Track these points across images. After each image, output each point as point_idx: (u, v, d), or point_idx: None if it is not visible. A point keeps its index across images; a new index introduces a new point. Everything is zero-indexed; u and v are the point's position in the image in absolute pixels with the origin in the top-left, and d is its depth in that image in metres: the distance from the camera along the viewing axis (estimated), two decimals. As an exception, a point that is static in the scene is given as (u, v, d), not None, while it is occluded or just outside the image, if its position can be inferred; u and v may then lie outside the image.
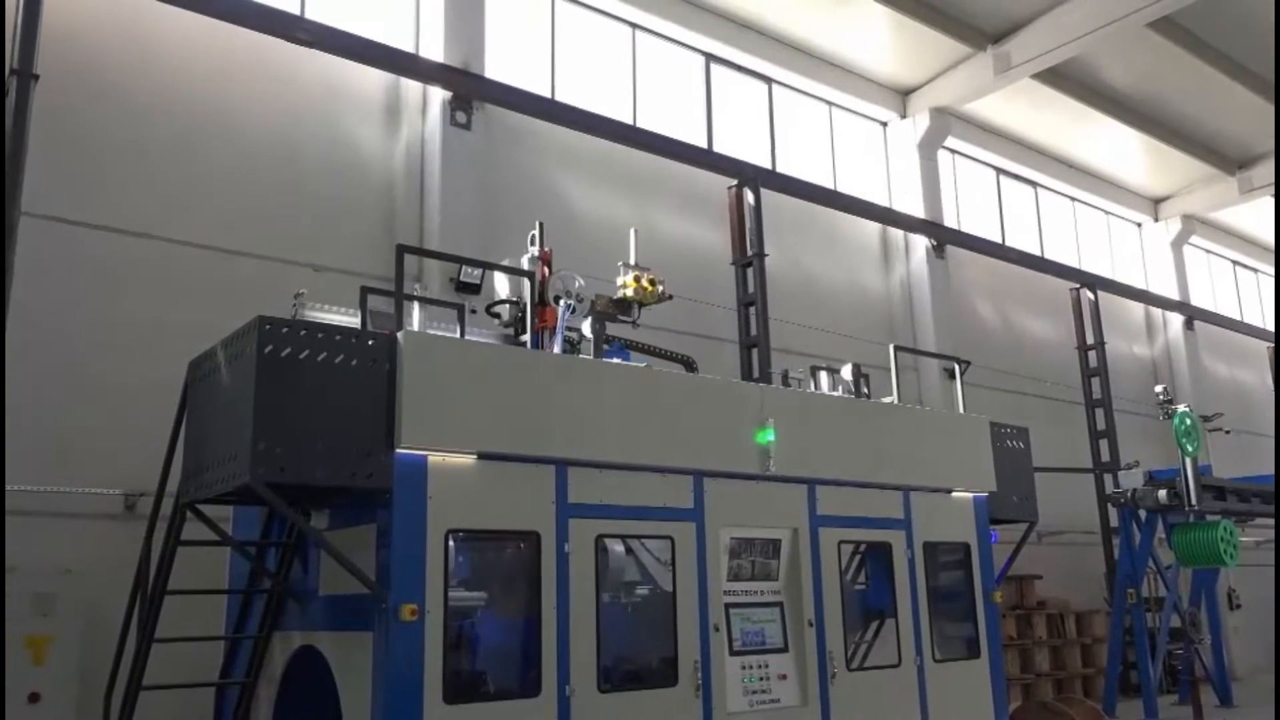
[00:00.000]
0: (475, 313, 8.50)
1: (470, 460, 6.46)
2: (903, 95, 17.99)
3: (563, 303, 7.92)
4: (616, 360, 8.28)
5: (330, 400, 6.04)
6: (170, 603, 6.98)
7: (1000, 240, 19.52)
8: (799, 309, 14.69)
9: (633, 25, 14.79)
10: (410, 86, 12.13)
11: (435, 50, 12.17)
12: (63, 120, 9.50)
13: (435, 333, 7.39)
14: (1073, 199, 21.92)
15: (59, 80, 9.29)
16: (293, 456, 5.86)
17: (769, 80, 16.42)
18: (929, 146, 17.90)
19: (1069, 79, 18.01)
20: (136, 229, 9.85)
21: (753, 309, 12.91)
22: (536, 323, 7.74)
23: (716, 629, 7.47)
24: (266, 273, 10.33)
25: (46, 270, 9.16)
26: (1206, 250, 25.38)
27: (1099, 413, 16.87)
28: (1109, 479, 15.94)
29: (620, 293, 8.61)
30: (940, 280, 17.46)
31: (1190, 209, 23.36)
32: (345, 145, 11.61)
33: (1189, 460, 14.36)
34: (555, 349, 7.83)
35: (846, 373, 10.07)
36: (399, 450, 6.17)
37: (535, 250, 8.22)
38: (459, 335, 7.41)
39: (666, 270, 9.06)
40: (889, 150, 18.06)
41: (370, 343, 6.30)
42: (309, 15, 11.42)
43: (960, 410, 10.31)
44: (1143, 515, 14.87)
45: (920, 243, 17.50)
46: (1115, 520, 15.61)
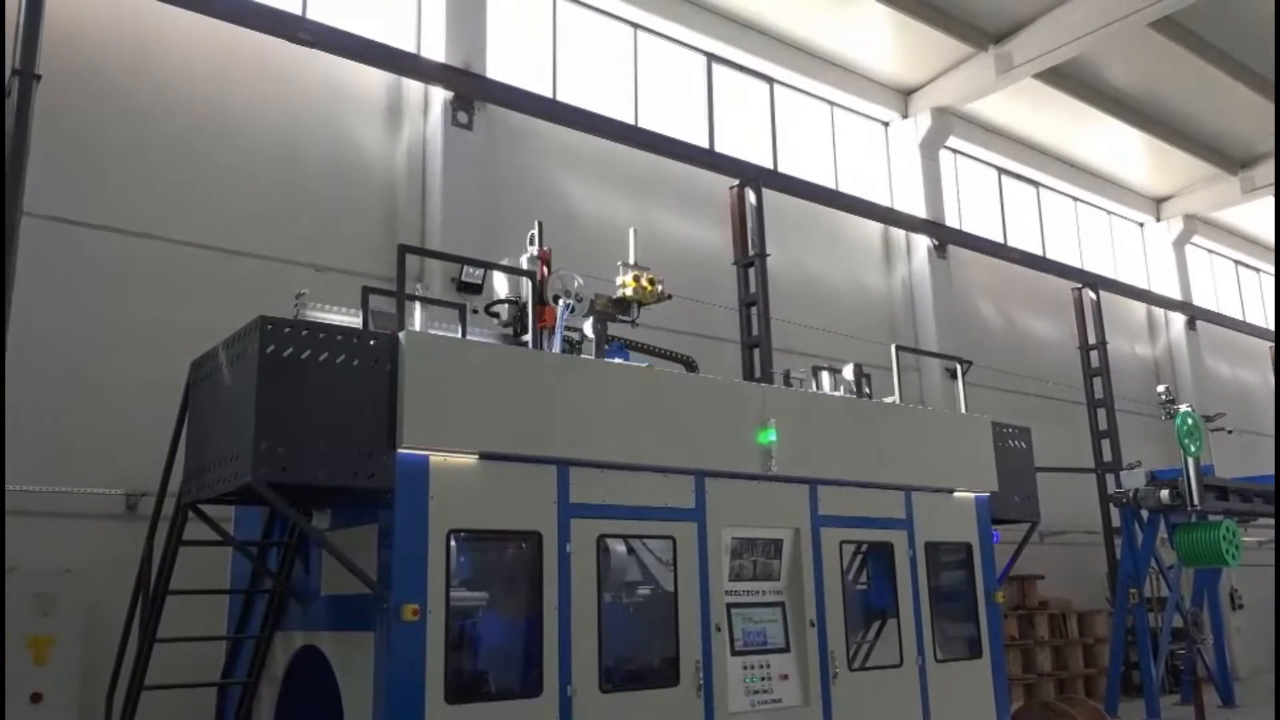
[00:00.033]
0: (477, 313, 8.51)
1: (472, 460, 6.46)
2: (904, 95, 17.98)
3: (562, 302, 7.91)
4: (618, 360, 8.27)
5: (332, 400, 6.04)
6: (172, 603, 6.98)
7: (1002, 240, 19.51)
8: (800, 309, 14.69)
9: (634, 25, 14.78)
10: (412, 86, 12.13)
11: (437, 50, 12.17)
12: (63, 120, 9.50)
13: (437, 333, 7.38)
14: (1075, 199, 21.91)
15: (60, 80, 9.29)
16: (294, 456, 5.85)
17: (771, 80, 16.42)
18: (931, 146, 17.89)
19: (1071, 79, 18.00)
20: (137, 229, 9.86)
21: (754, 309, 12.89)
22: (537, 322, 7.73)
23: (718, 629, 7.46)
24: (267, 273, 10.33)
25: (47, 270, 9.16)
26: (1209, 250, 25.36)
27: (1101, 413, 16.84)
28: (1111, 479, 15.93)
29: (620, 292, 8.59)
30: (942, 280, 17.46)
31: (1192, 209, 23.36)
32: (346, 145, 11.61)
33: (1191, 460, 14.34)
34: (554, 348, 7.81)
35: (848, 373, 10.06)
36: (401, 450, 6.17)
37: (534, 250, 8.22)
38: (460, 335, 7.40)
39: (668, 270, 9.05)
40: (891, 150, 18.05)
41: (372, 343, 6.30)
42: (310, 15, 11.42)
43: (962, 410, 10.29)
44: (1145, 515, 14.84)
45: (922, 243, 17.49)
46: (1117, 520, 15.58)
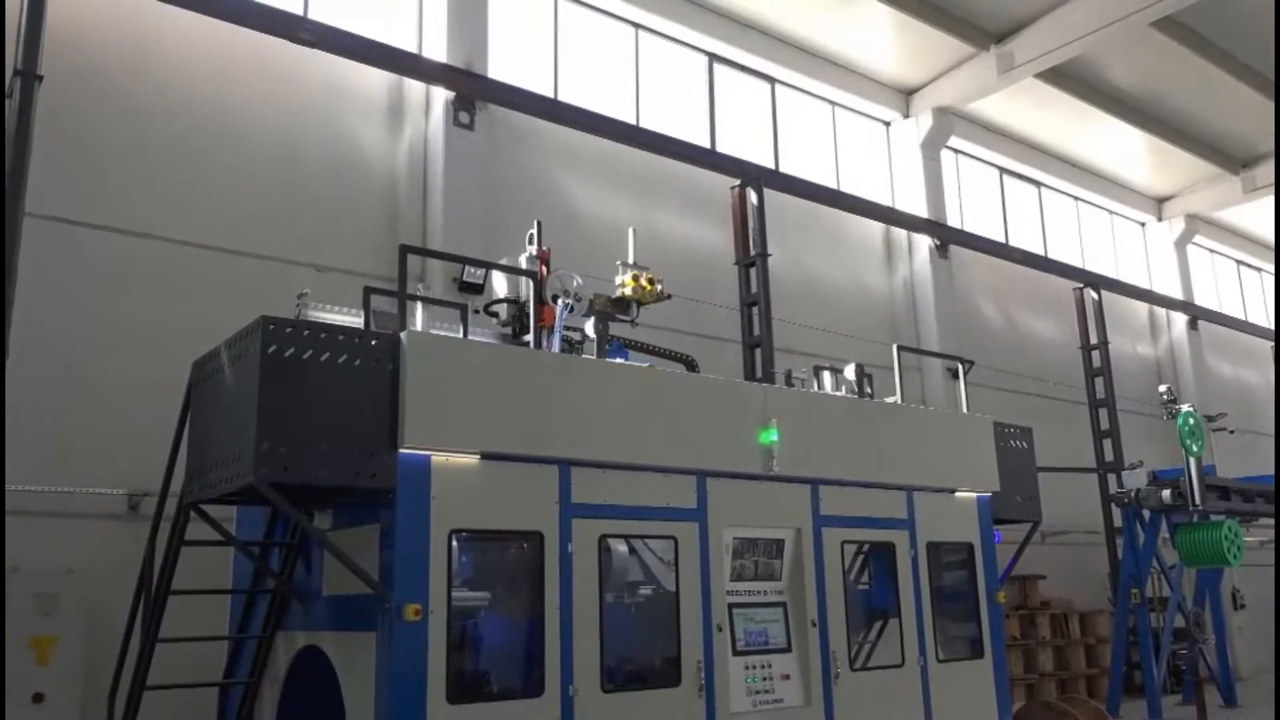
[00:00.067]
0: (478, 313, 8.51)
1: (473, 460, 6.45)
2: (906, 95, 17.97)
3: (561, 301, 7.90)
4: (619, 360, 8.26)
5: (334, 400, 6.04)
6: (174, 603, 6.98)
7: (1004, 240, 19.50)
8: (802, 309, 14.69)
9: (636, 25, 14.78)
10: (413, 87, 12.14)
11: (438, 50, 12.17)
12: (64, 120, 9.50)
13: (438, 333, 7.38)
14: (1076, 198, 21.90)
15: (61, 81, 9.28)
16: (296, 456, 5.85)
17: (772, 80, 16.41)
18: (932, 146, 17.88)
19: (1072, 78, 17.99)
20: (138, 229, 9.86)
21: (756, 309, 12.89)
22: (538, 322, 7.72)
23: (720, 629, 7.46)
24: (268, 273, 10.34)
25: (48, 270, 9.17)
26: (1210, 250, 25.34)
27: (1103, 412, 16.83)
28: (1113, 479, 15.91)
29: (619, 292, 8.59)
30: (943, 280, 17.45)
31: (1194, 208, 23.34)
32: (348, 145, 11.61)
33: (1193, 460, 14.34)
34: (553, 348, 7.81)
35: (849, 373, 10.05)
36: (402, 450, 6.16)
37: (533, 249, 8.21)
38: (462, 335, 7.40)
39: (669, 270, 9.05)
40: (892, 150, 18.04)
41: (373, 343, 6.29)
42: (311, 15, 11.43)
43: (963, 410, 10.28)
44: (1147, 515, 14.84)
45: (923, 242, 17.49)
46: (1119, 520, 15.58)
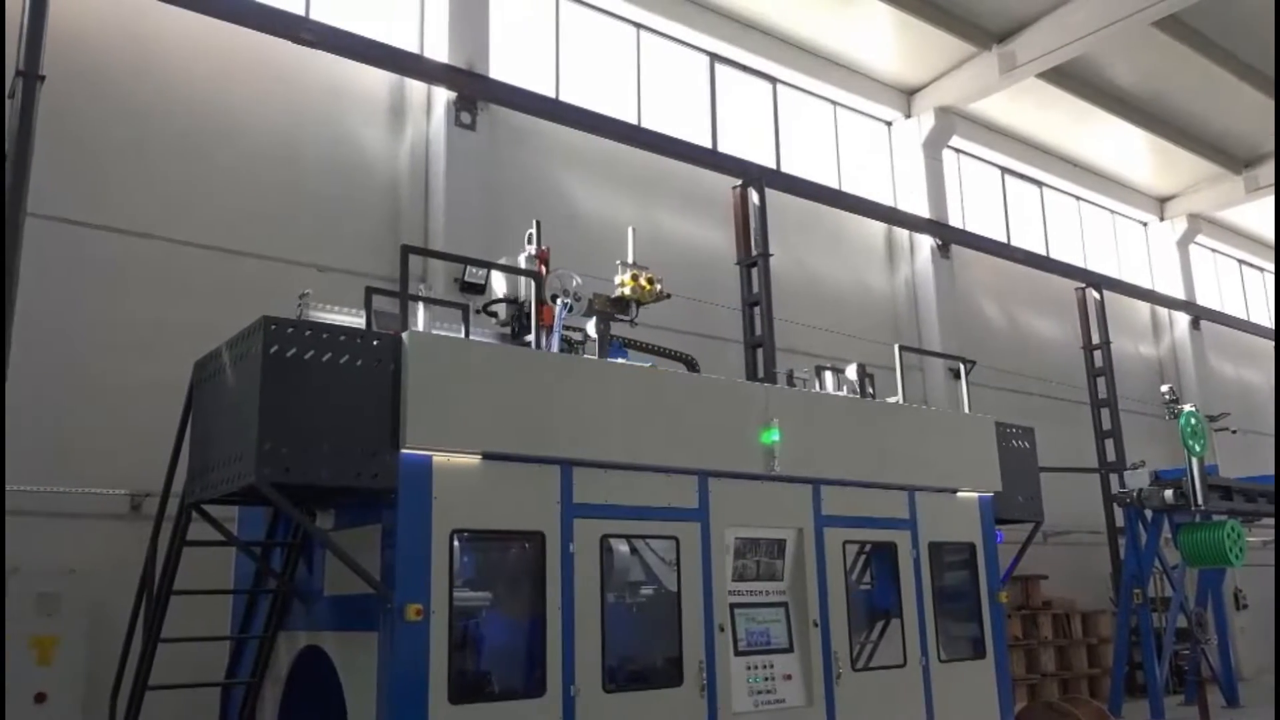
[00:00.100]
0: (479, 313, 8.50)
1: (475, 460, 6.45)
2: (907, 95, 17.96)
3: (560, 301, 7.89)
4: (620, 360, 8.26)
5: (335, 400, 6.03)
6: (175, 603, 6.99)
7: (1005, 240, 19.48)
8: (803, 309, 14.68)
9: (637, 25, 14.77)
10: (415, 87, 12.13)
11: (440, 51, 12.16)
12: (65, 121, 9.49)
13: (440, 333, 7.38)
14: (1078, 198, 21.87)
15: (62, 81, 9.26)
16: (298, 457, 5.85)
17: (773, 80, 16.40)
18: (934, 146, 17.86)
19: (1074, 78, 17.96)
20: (139, 229, 9.86)
21: (757, 309, 12.89)
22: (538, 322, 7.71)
23: (721, 629, 7.45)
24: (269, 273, 10.33)
25: (48, 270, 9.16)
26: (1212, 249, 25.31)
27: (1105, 412, 16.82)
28: (1115, 479, 15.92)
29: (618, 291, 8.59)
30: (945, 280, 17.43)
31: (1196, 208, 23.30)
32: (349, 145, 11.61)
33: (1195, 460, 14.32)
34: (553, 348, 7.80)
35: (851, 373, 10.04)
36: (404, 450, 6.16)
37: (532, 249, 8.20)
38: (464, 335, 7.39)
39: (670, 270, 9.05)
40: (894, 150, 18.02)
41: (375, 343, 6.29)
42: (312, 15, 11.42)
43: (965, 410, 10.27)
44: (1149, 515, 14.83)
45: (925, 242, 17.47)
46: (1121, 520, 15.57)
